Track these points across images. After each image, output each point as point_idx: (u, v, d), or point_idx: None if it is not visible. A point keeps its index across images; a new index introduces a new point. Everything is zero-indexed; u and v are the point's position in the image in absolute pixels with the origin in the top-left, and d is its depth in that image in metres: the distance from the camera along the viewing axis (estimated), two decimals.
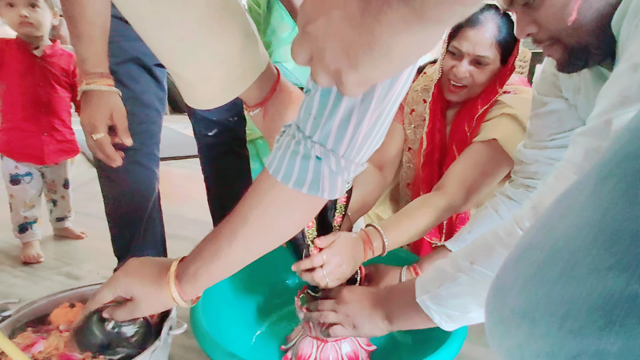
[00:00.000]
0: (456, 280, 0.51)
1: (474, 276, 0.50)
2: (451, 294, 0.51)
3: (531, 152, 0.70)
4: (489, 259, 0.49)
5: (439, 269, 0.55)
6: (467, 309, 0.51)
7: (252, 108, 0.48)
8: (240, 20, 0.41)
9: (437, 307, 0.53)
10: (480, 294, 0.50)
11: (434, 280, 0.54)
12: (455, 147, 0.88)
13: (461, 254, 0.53)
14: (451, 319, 0.53)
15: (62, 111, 1.18)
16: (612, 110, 0.41)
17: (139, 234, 0.92)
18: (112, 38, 0.76)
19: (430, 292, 0.53)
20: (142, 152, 0.87)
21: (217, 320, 0.70)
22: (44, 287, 1.04)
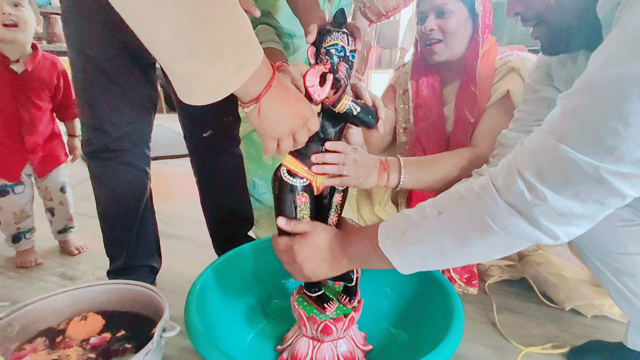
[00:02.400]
0: (420, 227, 0.52)
1: (438, 225, 0.51)
2: (413, 240, 0.52)
3: (515, 134, 0.71)
4: (457, 210, 0.49)
5: (404, 215, 0.55)
6: (426, 256, 0.52)
7: (246, 104, 0.48)
8: (235, 14, 0.41)
9: (397, 252, 0.53)
10: (442, 242, 0.50)
11: (398, 225, 0.54)
12: (467, 111, 0.89)
13: (429, 203, 0.53)
14: (409, 264, 0.54)
15: (45, 125, 1.11)
16: (594, 72, 0.42)
17: (131, 234, 0.91)
18: (103, 32, 0.75)
19: (393, 238, 0.54)
20: (132, 152, 0.86)
21: (211, 320, 0.69)
22: (38, 288, 1.04)
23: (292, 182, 0.60)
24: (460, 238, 0.49)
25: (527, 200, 0.43)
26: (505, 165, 0.47)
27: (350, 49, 0.58)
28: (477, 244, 0.48)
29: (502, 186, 0.46)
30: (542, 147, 0.44)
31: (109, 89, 0.80)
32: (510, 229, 0.45)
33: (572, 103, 0.43)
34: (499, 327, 0.87)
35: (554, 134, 0.43)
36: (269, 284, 0.87)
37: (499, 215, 0.45)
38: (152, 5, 0.35)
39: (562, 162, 0.42)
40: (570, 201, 0.42)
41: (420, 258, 0.52)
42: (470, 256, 0.51)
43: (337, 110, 0.58)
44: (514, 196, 0.44)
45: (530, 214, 0.44)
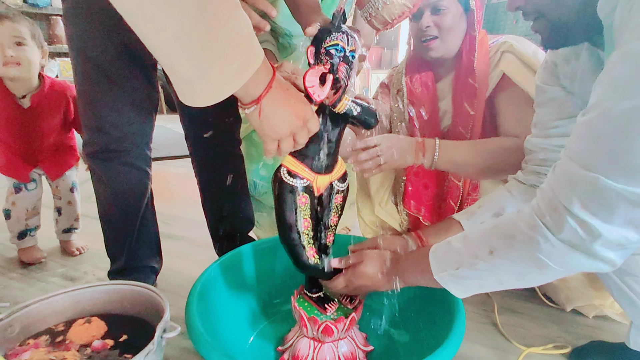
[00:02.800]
0: (475, 266, 0.54)
1: (493, 265, 0.53)
2: (470, 276, 0.55)
3: (537, 140, 0.72)
4: (510, 250, 0.51)
5: (454, 250, 0.58)
6: (484, 286, 0.56)
7: (247, 105, 0.47)
8: (236, 14, 0.41)
9: (456, 285, 0.57)
10: (500, 278, 0.54)
11: (450, 261, 0.57)
12: (467, 104, 0.90)
13: (478, 238, 0.56)
14: (467, 292, 0.58)
15: (58, 139, 1.14)
16: (605, 101, 0.43)
17: (132, 235, 0.91)
18: (104, 33, 0.75)
19: (447, 271, 0.57)
20: (133, 153, 0.86)
21: (212, 321, 0.69)
22: (39, 288, 1.04)
23: (293, 183, 0.60)
24: (518, 274, 0.52)
25: (583, 237, 0.44)
26: (547, 199, 0.48)
27: (350, 49, 0.57)
28: (536, 277, 0.51)
29: (553, 225, 0.47)
30: (580, 179, 0.45)
31: (110, 89, 0.80)
32: (570, 265, 0.47)
33: (592, 132, 0.44)
34: (501, 328, 0.86)
35: (586, 165, 0.44)
36: (269, 285, 0.87)
37: (556, 254, 0.47)
38: (153, 6, 0.35)
39: (604, 193, 0.43)
40: (624, 229, 0.43)
41: (478, 287, 0.57)
42: (529, 284, 0.54)
43: (337, 110, 0.58)
44: (568, 234, 0.45)
45: (588, 248, 0.45)
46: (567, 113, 0.67)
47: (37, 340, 0.58)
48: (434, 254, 0.60)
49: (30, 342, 0.58)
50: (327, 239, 0.70)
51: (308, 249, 0.64)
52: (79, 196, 1.22)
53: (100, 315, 0.63)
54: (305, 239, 0.63)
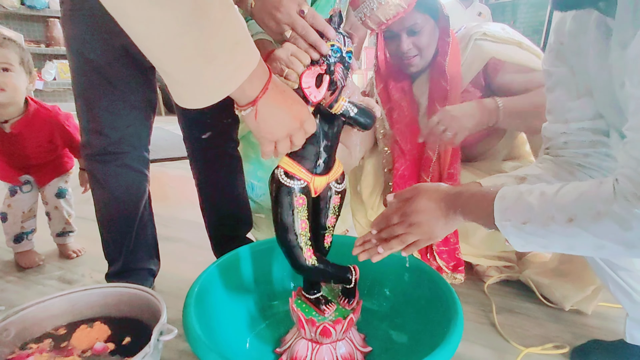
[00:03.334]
0: (547, 227, 0.51)
1: (570, 232, 0.50)
2: (538, 234, 0.52)
3: (555, 126, 0.71)
4: (595, 224, 0.48)
5: (526, 204, 0.53)
6: (549, 246, 0.53)
7: (243, 107, 0.47)
8: (230, 16, 0.40)
9: (517, 237, 0.54)
10: (573, 245, 0.51)
11: (518, 212, 0.53)
12: (438, 105, 0.94)
13: (558, 201, 0.52)
14: (526, 246, 0.54)
15: (47, 156, 1.14)
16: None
17: (130, 237, 0.90)
18: (102, 36, 0.75)
19: (512, 221, 0.54)
20: (130, 156, 0.86)
21: (210, 323, 0.69)
22: (36, 291, 1.03)
23: (290, 184, 0.60)
24: (597, 247, 0.49)
25: None
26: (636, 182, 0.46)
27: (346, 49, 0.57)
28: (617, 252, 0.49)
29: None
30: None
31: (108, 92, 0.80)
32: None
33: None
34: (499, 328, 0.86)
35: None
36: (267, 286, 0.86)
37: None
38: (147, 9, 0.35)
39: None
40: None
41: (542, 246, 0.53)
42: (603, 255, 0.51)
43: (334, 111, 0.58)
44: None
45: None
46: (578, 93, 0.65)
47: (42, 345, 0.58)
48: (501, 200, 0.55)
49: (32, 347, 0.58)
50: (325, 240, 0.70)
51: (305, 250, 0.64)
52: (66, 202, 1.21)
53: (98, 318, 0.63)
54: (302, 240, 0.63)
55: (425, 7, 0.88)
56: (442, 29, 0.93)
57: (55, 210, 1.20)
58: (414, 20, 0.87)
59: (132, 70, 0.80)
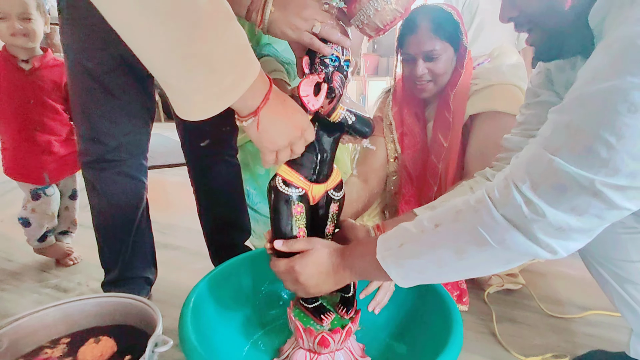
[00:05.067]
0: (419, 241, 0.52)
1: (436, 238, 0.50)
2: (411, 253, 0.52)
3: (518, 139, 0.72)
4: (455, 223, 0.49)
5: (402, 228, 0.55)
6: (424, 269, 0.52)
7: (244, 118, 0.47)
8: (231, 27, 0.40)
9: (396, 266, 0.53)
10: (439, 255, 0.50)
11: (396, 238, 0.54)
12: (441, 135, 0.92)
13: (427, 216, 0.53)
14: (407, 277, 0.53)
15: (58, 126, 1.12)
16: (582, 87, 0.42)
17: (127, 245, 0.90)
18: (101, 44, 0.75)
19: (391, 249, 0.53)
20: (128, 163, 0.86)
21: (206, 333, 0.68)
22: (31, 300, 1.02)
23: (288, 192, 0.60)
24: (457, 251, 0.48)
25: (525, 215, 0.43)
26: (502, 178, 0.47)
27: (344, 58, 0.58)
28: (475, 257, 0.48)
29: (499, 200, 0.45)
30: (537, 160, 0.44)
31: (106, 100, 0.80)
32: (508, 243, 0.45)
33: (563, 117, 0.43)
34: (499, 337, 0.86)
35: (548, 147, 0.43)
36: (265, 295, 0.85)
37: (496, 229, 0.45)
38: (147, 20, 0.35)
39: (557, 175, 0.42)
40: (567, 215, 0.42)
41: (418, 272, 0.52)
42: (469, 269, 0.50)
43: (332, 119, 0.58)
44: (511, 210, 0.44)
45: (528, 228, 0.43)
46: None
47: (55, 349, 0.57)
48: (383, 235, 0.56)
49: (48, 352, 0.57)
50: None
51: None
52: (78, 202, 1.23)
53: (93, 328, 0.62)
54: None
55: (446, 35, 0.86)
56: (459, 59, 0.90)
57: (65, 211, 1.21)
58: (432, 46, 0.85)
59: (129, 79, 0.80)
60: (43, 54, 1.09)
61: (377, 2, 0.56)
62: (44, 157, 1.10)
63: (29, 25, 1.02)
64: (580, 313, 0.96)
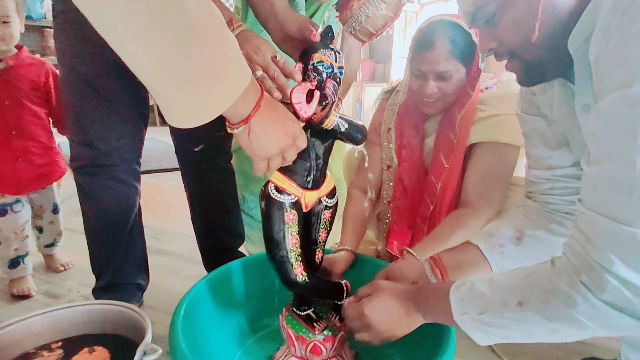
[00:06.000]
0: (502, 314, 0.50)
1: (523, 316, 0.48)
2: (495, 324, 0.50)
3: (538, 172, 0.70)
4: (544, 305, 0.46)
5: (479, 293, 0.52)
6: (510, 336, 0.50)
7: (235, 125, 0.47)
8: (221, 34, 0.40)
9: (477, 330, 0.52)
10: (530, 331, 0.48)
11: (474, 304, 0.52)
12: (442, 155, 0.89)
13: (507, 285, 0.51)
14: (489, 340, 0.52)
15: (37, 131, 1.04)
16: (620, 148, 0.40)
17: (118, 251, 0.89)
18: (95, 49, 0.75)
19: (470, 314, 0.52)
20: (121, 168, 0.85)
21: (198, 340, 0.67)
22: (20, 306, 1.01)
23: (280, 199, 0.60)
24: (551, 331, 0.47)
25: (629, 299, 0.41)
26: (580, 257, 0.44)
27: (337, 65, 0.58)
28: (573, 335, 0.47)
29: (593, 285, 0.43)
30: (613, 235, 0.41)
31: (99, 105, 0.79)
32: (614, 327, 0.43)
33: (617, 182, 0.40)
34: (495, 348, 0.85)
35: (619, 219, 0.40)
36: (258, 302, 0.85)
37: (597, 316, 0.43)
38: (136, 28, 0.34)
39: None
40: None
41: (502, 337, 0.51)
42: (564, 340, 0.49)
43: (325, 126, 0.58)
44: (611, 296, 0.41)
45: (635, 310, 0.41)
46: (555, 143, 0.66)
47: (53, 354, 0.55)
48: (456, 293, 0.54)
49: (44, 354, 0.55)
50: (315, 255, 0.69)
51: (296, 266, 0.63)
52: (61, 215, 1.18)
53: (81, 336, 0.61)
54: (293, 255, 0.62)
55: (462, 56, 0.81)
56: (471, 80, 0.86)
57: (50, 225, 1.17)
58: (446, 67, 0.81)
59: (123, 84, 0.79)
60: (17, 51, 1.02)
61: (368, 8, 0.56)
62: (20, 165, 1.03)
63: (7, 29, 0.98)
64: None
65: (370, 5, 0.56)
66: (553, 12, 0.49)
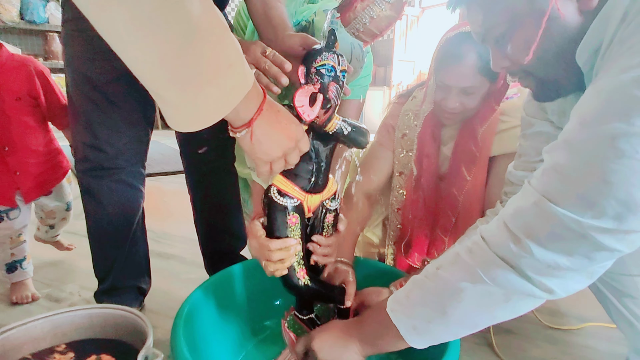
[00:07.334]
0: (423, 286, 0.52)
1: (437, 281, 0.51)
2: (417, 301, 0.52)
3: (521, 173, 0.70)
4: (453, 265, 0.50)
5: (412, 279, 0.55)
6: (430, 318, 0.51)
7: (238, 129, 0.47)
8: (223, 37, 0.40)
9: (404, 317, 0.52)
10: (442, 299, 0.50)
11: (404, 289, 0.54)
12: (464, 167, 0.87)
13: (433, 262, 0.54)
14: (415, 330, 0.52)
15: (31, 141, 0.99)
16: (572, 131, 0.43)
17: (121, 254, 0.89)
18: (104, 56, 0.75)
19: (400, 301, 0.54)
20: (127, 171, 0.85)
21: (199, 344, 0.66)
22: (22, 310, 1.00)
23: (283, 202, 0.59)
24: (455, 292, 0.49)
25: (513, 251, 0.44)
26: (495, 219, 0.49)
27: (340, 68, 0.58)
28: (472, 297, 0.48)
29: (491, 239, 0.47)
30: (526, 201, 0.45)
31: (107, 109, 0.80)
32: (500, 280, 0.46)
33: (553, 159, 0.45)
34: (496, 348, 0.85)
35: (538, 189, 0.45)
36: (260, 306, 0.84)
37: (488, 267, 0.46)
38: (138, 30, 0.34)
39: (545, 216, 0.43)
40: (556, 255, 0.43)
41: (425, 320, 0.51)
42: (472, 315, 0.50)
43: (328, 130, 0.58)
44: (501, 249, 0.46)
45: (517, 264, 0.44)
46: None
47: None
48: (393, 295, 0.55)
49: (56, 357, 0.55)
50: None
51: (298, 269, 0.62)
52: (72, 212, 1.19)
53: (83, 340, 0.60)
54: (295, 259, 0.61)
55: (487, 71, 0.77)
56: (497, 95, 0.83)
57: (62, 222, 1.18)
58: (471, 82, 0.78)
59: (131, 88, 0.80)
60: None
61: (372, 10, 0.56)
62: (18, 177, 0.99)
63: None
64: (578, 325, 0.95)
65: (374, 7, 0.56)
66: (563, 29, 0.50)
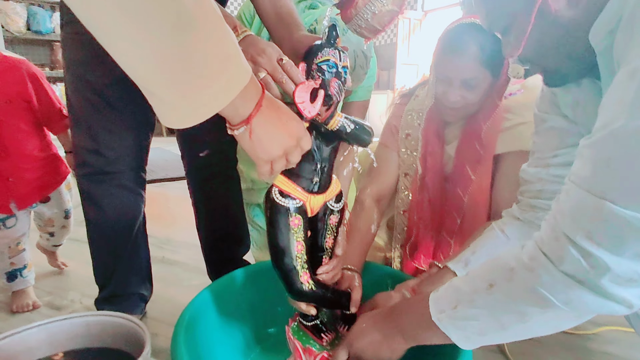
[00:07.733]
0: (473, 302, 0.48)
1: (491, 300, 0.47)
2: (469, 316, 0.48)
3: (534, 170, 0.68)
4: (509, 283, 0.45)
5: (453, 286, 0.52)
6: (485, 331, 0.48)
7: (236, 126, 0.45)
8: (219, 29, 0.38)
9: (455, 328, 0.49)
10: (499, 318, 0.46)
11: (449, 299, 0.51)
12: (468, 167, 0.85)
13: (479, 273, 0.50)
14: (469, 340, 0.50)
15: (24, 145, 0.96)
16: (615, 121, 0.39)
17: (122, 260, 0.87)
18: (103, 59, 0.74)
19: (446, 311, 0.50)
20: (127, 175, 0.84)
21: (201, 353, 0.64)
22: (22, 318, 0.99)
23: (285, 204, 0.57)
24: (519, 314, 0.45)
25: (587, 270, 0.39)
26: (549, 229, 0.43)
27: (342, 64, 0.56)
28: (540, 319, 0.44)
29: (554, 255, 0.42)
30: (583, 206, 0.40)
31: (107, 113, 0.79)
32: (575, 303, 0.41)
33: (601, 154, 0.40)
34: (509, 355, 0.81)
35: (592, 190, 0.39)
36: (263, 312, 0.82)
37: (558, 289, 0.41)
38: (127, 23, 0.32)
39: (611, 221, 0.38)
40: (634, 262, 0.38)
41: (479, 334, 0.48)
42: (536, 330, 0.47)
43: (330, 127, 0.56)
44: (571, 266, 0.40)
45: (595, 284, 0.39)
46: (570, 142, 0.63)
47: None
48: (434, 294, 0.53)
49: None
50: (322, 262, 0.66)
51: (302, 273, 0.60)
52: (72, 219, 1.18)
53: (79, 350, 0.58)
54: (299, 263, 0.59)
55: (491, 64, 0.76)
56: (498, 89, 0.80)
57: (62, 229, 1.16)
58: (473, 74, 0.76)
59: (130, 93, 0.78)
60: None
61: (374, 5, 0.54)
62: (10, 184, 0.97)
63: None
64: (594, 329, 0.91)
65: (376, 2, 0.54)
66: (554, 22, 0.49)
